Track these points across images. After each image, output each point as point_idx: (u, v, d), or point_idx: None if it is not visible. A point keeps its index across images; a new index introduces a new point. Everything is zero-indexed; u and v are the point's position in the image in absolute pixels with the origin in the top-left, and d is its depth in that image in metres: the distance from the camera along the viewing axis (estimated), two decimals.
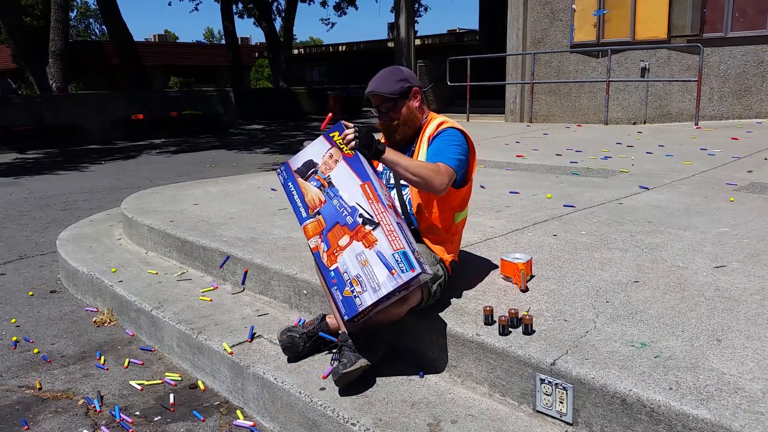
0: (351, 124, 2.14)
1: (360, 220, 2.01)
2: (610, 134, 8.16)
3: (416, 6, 22.77)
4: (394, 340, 2.29)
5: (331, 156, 2.15)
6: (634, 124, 10.17)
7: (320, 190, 2.13)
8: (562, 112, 11.47)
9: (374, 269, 1.93)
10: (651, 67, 10.28)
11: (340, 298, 1.99)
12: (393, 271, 1.90)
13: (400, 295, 1.99)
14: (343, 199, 2.07)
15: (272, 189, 4.93)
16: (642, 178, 4.79)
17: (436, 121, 2.40)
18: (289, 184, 2.23)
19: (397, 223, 1.98)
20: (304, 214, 2.15)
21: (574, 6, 10.95)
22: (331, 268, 2.03)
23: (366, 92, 2.36)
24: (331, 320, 2.33)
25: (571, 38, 11.09)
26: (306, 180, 2.18)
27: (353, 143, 2.08)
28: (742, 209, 3.65)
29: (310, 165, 2.20)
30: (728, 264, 2.64)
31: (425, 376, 2.16)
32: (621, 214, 3.62)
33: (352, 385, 2.06)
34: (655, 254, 2.82)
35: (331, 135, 2.16)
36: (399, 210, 2.16)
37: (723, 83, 9.75)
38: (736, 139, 6.88)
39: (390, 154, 2.13)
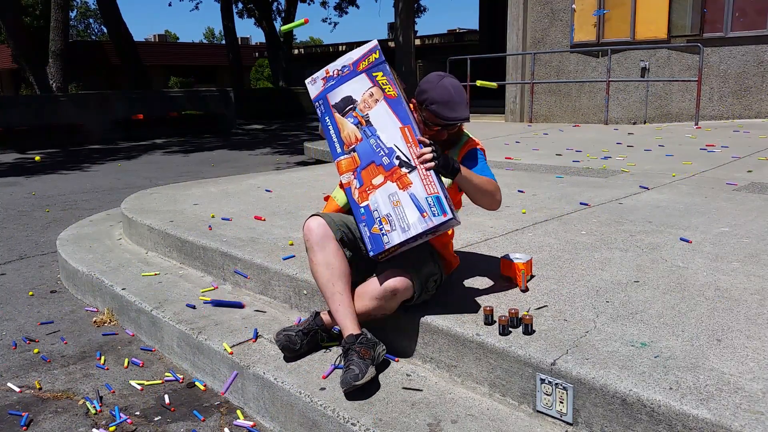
0: (427, 141, 2.07)
1: (396, 162, 2.04)
2: (610, 134, 8.16)
3: (416, 6, 22.77)
4: (392, 339, 2.29)
5: (371, 95, 2.14)
6: (634, 124, 10.17)
7: (357, 127, 2.14)
8: (563, 112, 11.47)
9: (406, 210, 1.99)
10: (651, 67, 10.29)
11: (368, 234, 2.05)
12: (424, 213, 1.95)
13: (426, 238, 2.05)
14: (380, 139, 2.09)
15: (267, 190, 4.93)
16: (642, 178, 4.79)
17: (466, 137, 2.43)
18: (326, 118, 2.23)
19: (435, 171, 2.02)
20: (338, 150, 2.18)
21: (574, 6, 10.95)
22: (362, 205, 2.08)
23: (451, 119, 2.19)
24: (325, 317, 2.33)
25: (571, 38, 11.10)
26: (343, 116, 2.18)
27: (431, 164, 2.04)
28: (742, 209, 3.65)
29: (348, 101, 2.19)
30: (728, 264, 2.64)
31: (423, 376, 2.16)
32: (621, 214, 3.62)
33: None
34: (655, 254, 2.82)
35: (374, 75, 2.15)
36: None
37: (723, 83, 9.75)
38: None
39: (464, 171, 2.16)
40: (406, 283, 2.12)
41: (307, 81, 2.34)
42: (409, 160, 2.03)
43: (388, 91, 2.12)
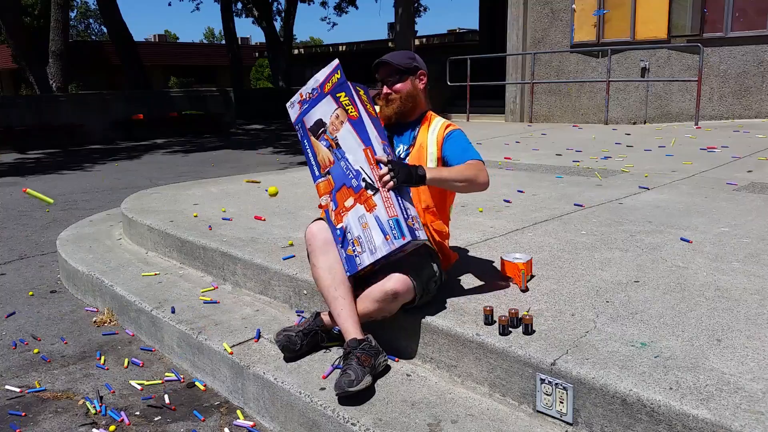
0: (385, 159, 2.08)
1: (363, 184, 2.08)
2: (611, 134, 8.16)
3: (416, 5, 22.75)
4: (392, 339, 2.29)
5: (337, 117, 2.18)
6: (635, 124, 10.17)
7: (329, 150, 2.19)
8: (563, 112, 11.47)
9: (372, 233, 2.04)
10: (651, 67, 10.28)
11: (344, 255, 2.13)
12: (387, 236, 2.01)
13: (399, 255, 2.09)
14: (348, 162, 2.14)
15: (267, 190, 4.92)
16: (642, 178, 4.79)
17: (440, 122, 2.44)
18: (305, 141, 2.29)
19: (395, 190, 2.05)
20: (317, 173, 2.24)
21: (574, 6, 10.95)
22: (338, 227, 2.15)
23: (376, 61, 2.36)
24: (325, 318, 2.33)
25: (571, 38, 11.09)
26: (317, 139, 2.23)
27: (391, 184, 2.04)
28: (742, 209, 3.65)
29: (320, 124, 2.24)
30: (728, 264, 2.64)
31: (423, 376, 2.16)
32: (621, 214, 3.62)
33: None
34: (655, 254, 2.81)
35: (337, 95, 2.18)
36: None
37: (723, 83, 9.74)
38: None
39: (432, 173, 2.16)
40: (408, 286, 2.12)
41: (287, 105, 2.40)
42: (373, 182, 2.06)
43: (351, 112, 2.14)
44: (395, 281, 2.11)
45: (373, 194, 2.06)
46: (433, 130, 2.40)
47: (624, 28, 10.49)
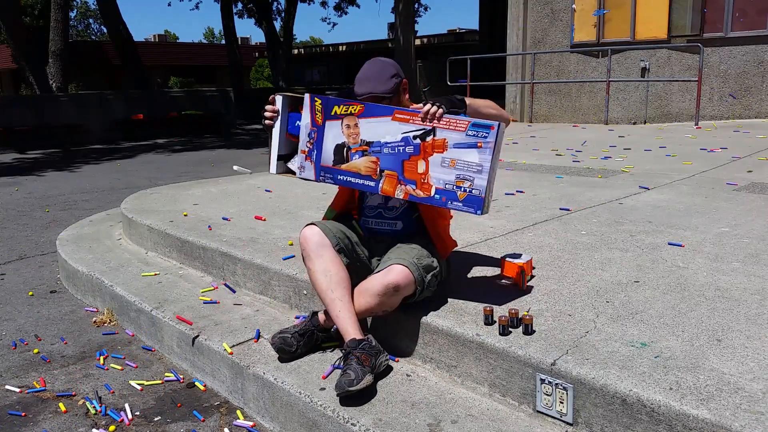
0: (420, 105, 2.10)
1: (418, 141, 2.04)
2: (610, 134, 8.16)
3: (416, 6, 22.75)
4: (392, 339, 2.29)
5: (348, 126, 2.15)
6: (635, 124, 10.17)
7: (366, 155, 2.13)
8: (563, 112, 11.47)
9: (465, 158, 1.98)
10: (651, 67, 10.28)
11: (460, 204, 2.03)
12: (479, 143, 1.96)
13: (498, 160, 2.05)
14: (389, 143, 2.08)
15: (267, 190, 4.92)
16: (642, 178, 4.79)
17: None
18: (339, 177, 2.21)
19: (444, 114, 2.03)
20: (372, 184, 2.16)
21: (574, 6, 10.95)
22: (433, 194, 2.06)
23: (360, 94, 2.22)
24: (321, 316, 2.34)
25: (572, 38, 11.09)
26: (348, 160, 2.17)
27: (441, 111, 2.03)
28: (743, 209, 3.65)
29: (339, 148, 2.18)
30: (728, 264, 2.64)
31: (423, 376, 2.16)
32: (621, 214, 3.62)
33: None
34: (655, 254, 2.81)
35: (333, 113, 2.15)
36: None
37: (723, 83, 9.74)
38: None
39: (469, 100, 2.23)
40: (408, 279, 2.12)
41: (298, 175, 2.31)
42: (424, 129, 2.03)
43: (354, 110, 2.12)
44: (396, 274, 2.11)
45: (435, 135, 2.02)
46: None
47: (624, 28, 10.49)
